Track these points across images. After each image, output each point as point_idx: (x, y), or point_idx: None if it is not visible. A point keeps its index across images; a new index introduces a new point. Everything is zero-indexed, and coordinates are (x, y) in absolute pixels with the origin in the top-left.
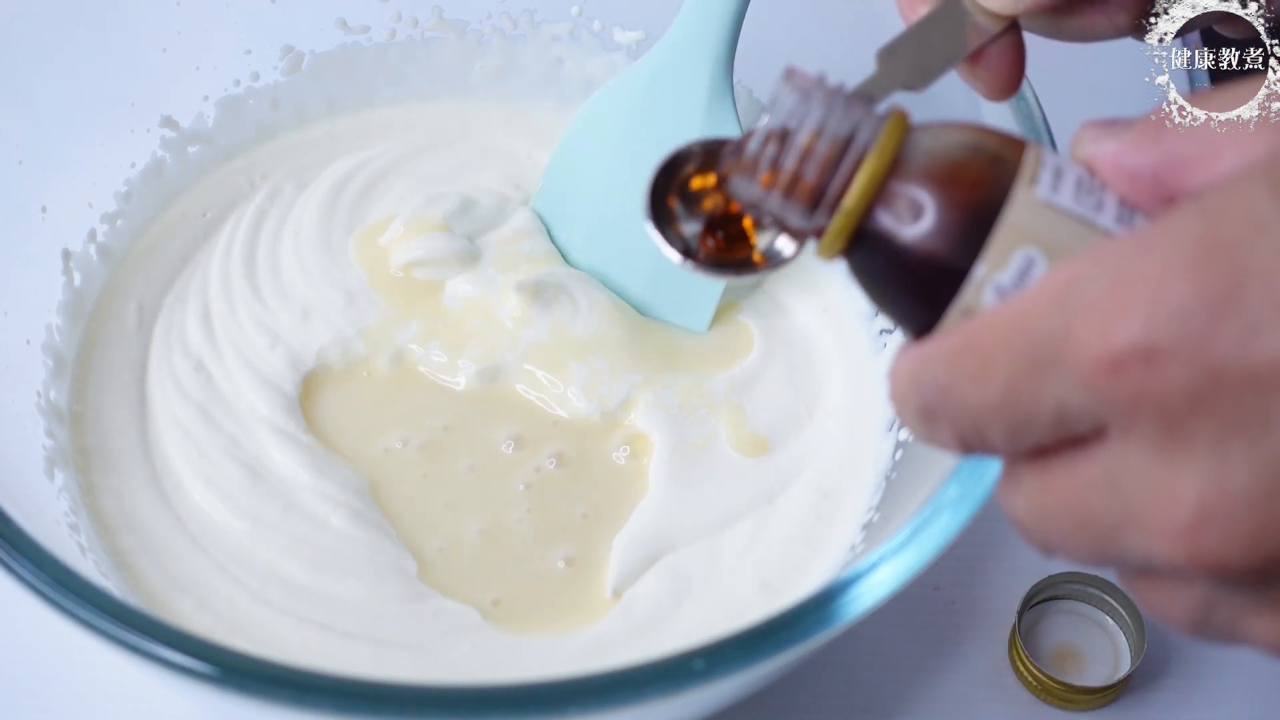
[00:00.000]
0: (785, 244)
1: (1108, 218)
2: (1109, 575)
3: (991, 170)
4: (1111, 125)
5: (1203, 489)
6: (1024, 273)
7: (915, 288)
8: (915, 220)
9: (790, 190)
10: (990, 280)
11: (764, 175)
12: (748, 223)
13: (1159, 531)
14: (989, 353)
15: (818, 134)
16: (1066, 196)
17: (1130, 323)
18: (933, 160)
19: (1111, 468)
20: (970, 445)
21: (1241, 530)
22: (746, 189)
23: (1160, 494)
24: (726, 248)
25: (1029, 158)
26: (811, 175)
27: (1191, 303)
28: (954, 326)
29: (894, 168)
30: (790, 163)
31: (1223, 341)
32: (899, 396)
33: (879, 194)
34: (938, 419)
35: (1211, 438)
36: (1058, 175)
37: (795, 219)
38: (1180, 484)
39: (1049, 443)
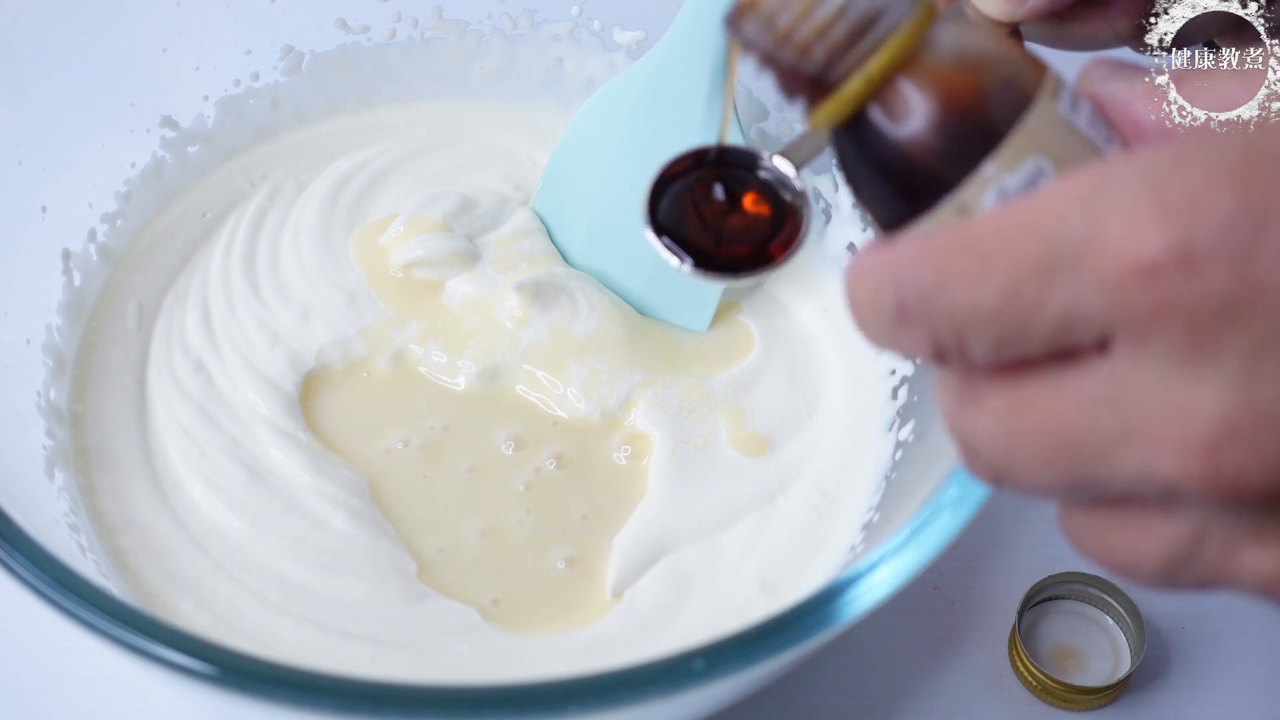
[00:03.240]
0: (781, 245)
1: (1116, 151)
2: (1109, 575)
3: (1017, 74)
4: (1122, 68)
5: (1228, 405)
6: (1031, 180)
7: (912, 175)
8: (938, 102)
9: (811, 43)
10: (996, 181)
11: (785, 23)
12: (747, 209)
13: (1171, 448)
14: (991, 253)
15: None
16: (1082, 121)
17: (1170, 228)
18: (963, 49)
19: (1114, 382)
20: (944, 354)
21: (1267, 449)
22: (762, 34)
23: (1177, 409)
24: (724, 249)
25: (1051, 76)
26: (840, 31)
27: (1236, 213)
28: (945, 224)
29: (924, 45)
30: (823, 14)
31: (1266, 254)
32: (866, 297)
33: (904, 65)
34: (913, 322)
35: (1243, 353)
36: (1075, 101)
37: (808, 70)
38: (1202, 399)
39: (1035, 355)
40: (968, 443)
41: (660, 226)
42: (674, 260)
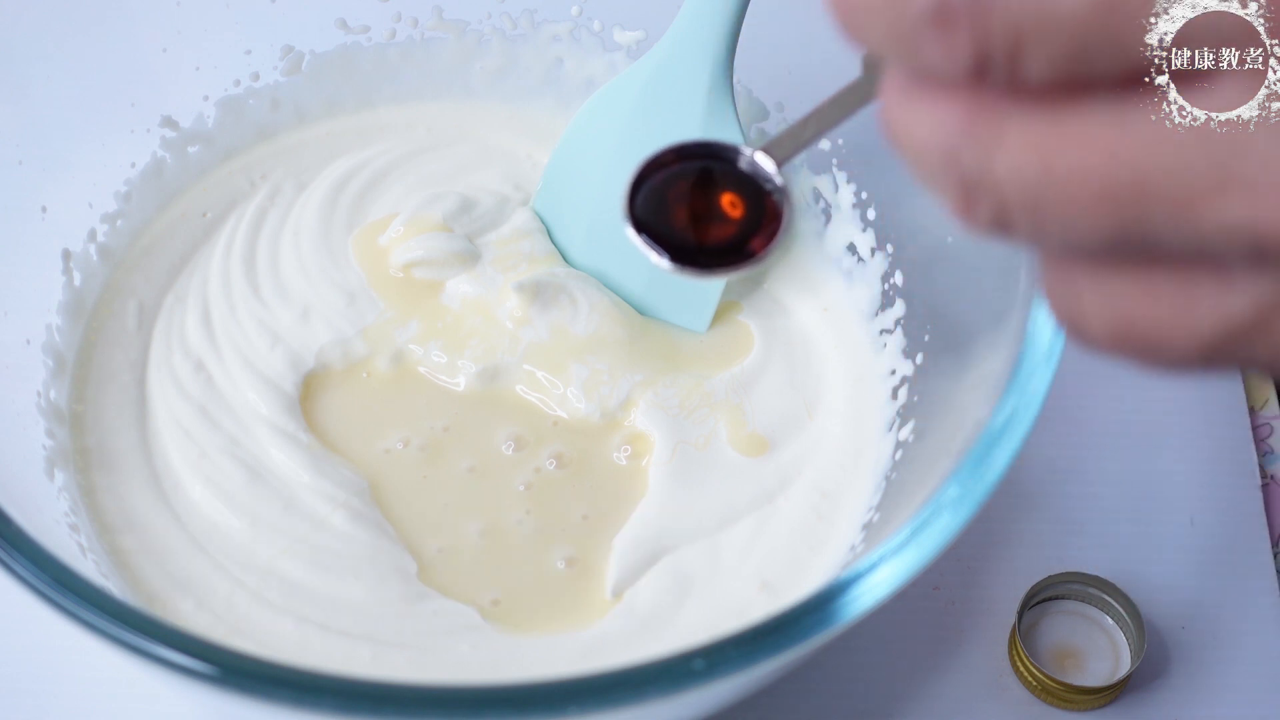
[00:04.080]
0: (763, 241)
1: None
2: (1109, 575)
3: None
4: None
5: None
6: None
7: None
8: None
9: None
10: None
11: None
12: (729, 205)
13: None
14: None
15: None
16: None
17: None
18: None
19: (1219, 119)
20: (987, 64)
21: None
22: None
23: None
24: (705, 245)
25: None
26: None
27: None
28: None
29: None
30: None
31: None
32: None
33: None
34: (956, 26)
35: None
36: None
37: None
38: None
39: (1104, 79)
40: (973, 179)
41: (641, 222)
42: (654, 256)
